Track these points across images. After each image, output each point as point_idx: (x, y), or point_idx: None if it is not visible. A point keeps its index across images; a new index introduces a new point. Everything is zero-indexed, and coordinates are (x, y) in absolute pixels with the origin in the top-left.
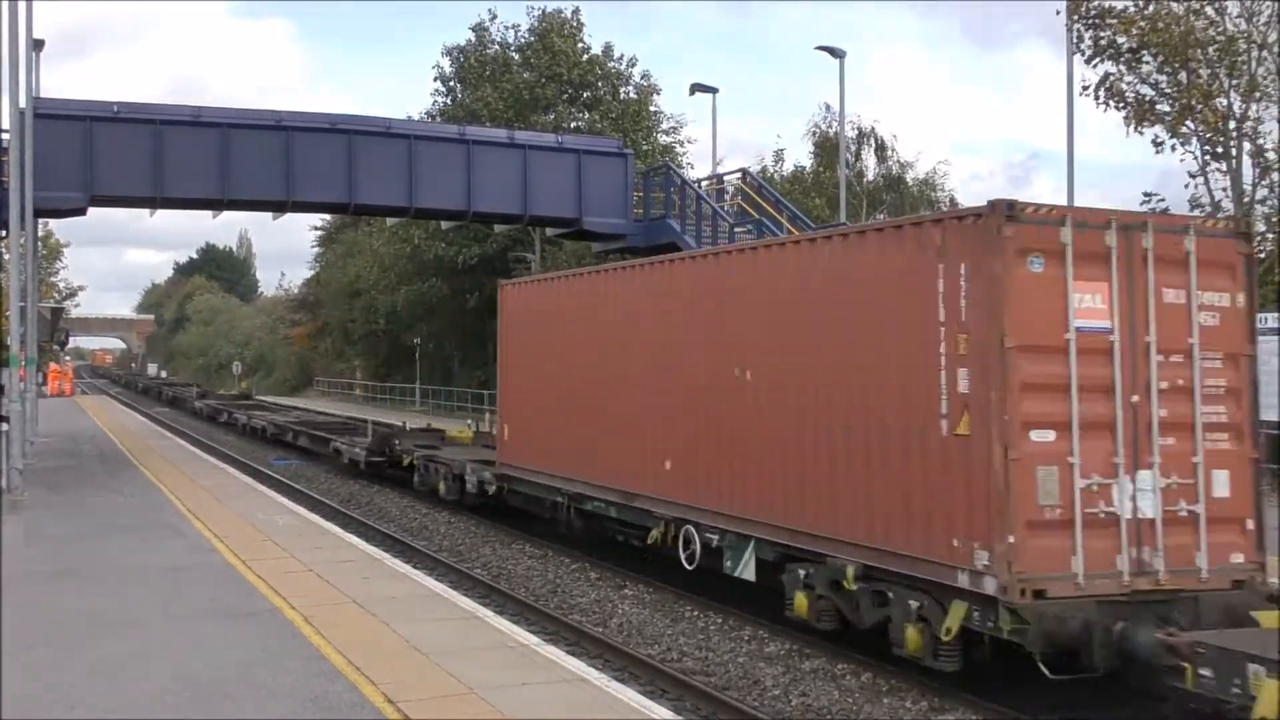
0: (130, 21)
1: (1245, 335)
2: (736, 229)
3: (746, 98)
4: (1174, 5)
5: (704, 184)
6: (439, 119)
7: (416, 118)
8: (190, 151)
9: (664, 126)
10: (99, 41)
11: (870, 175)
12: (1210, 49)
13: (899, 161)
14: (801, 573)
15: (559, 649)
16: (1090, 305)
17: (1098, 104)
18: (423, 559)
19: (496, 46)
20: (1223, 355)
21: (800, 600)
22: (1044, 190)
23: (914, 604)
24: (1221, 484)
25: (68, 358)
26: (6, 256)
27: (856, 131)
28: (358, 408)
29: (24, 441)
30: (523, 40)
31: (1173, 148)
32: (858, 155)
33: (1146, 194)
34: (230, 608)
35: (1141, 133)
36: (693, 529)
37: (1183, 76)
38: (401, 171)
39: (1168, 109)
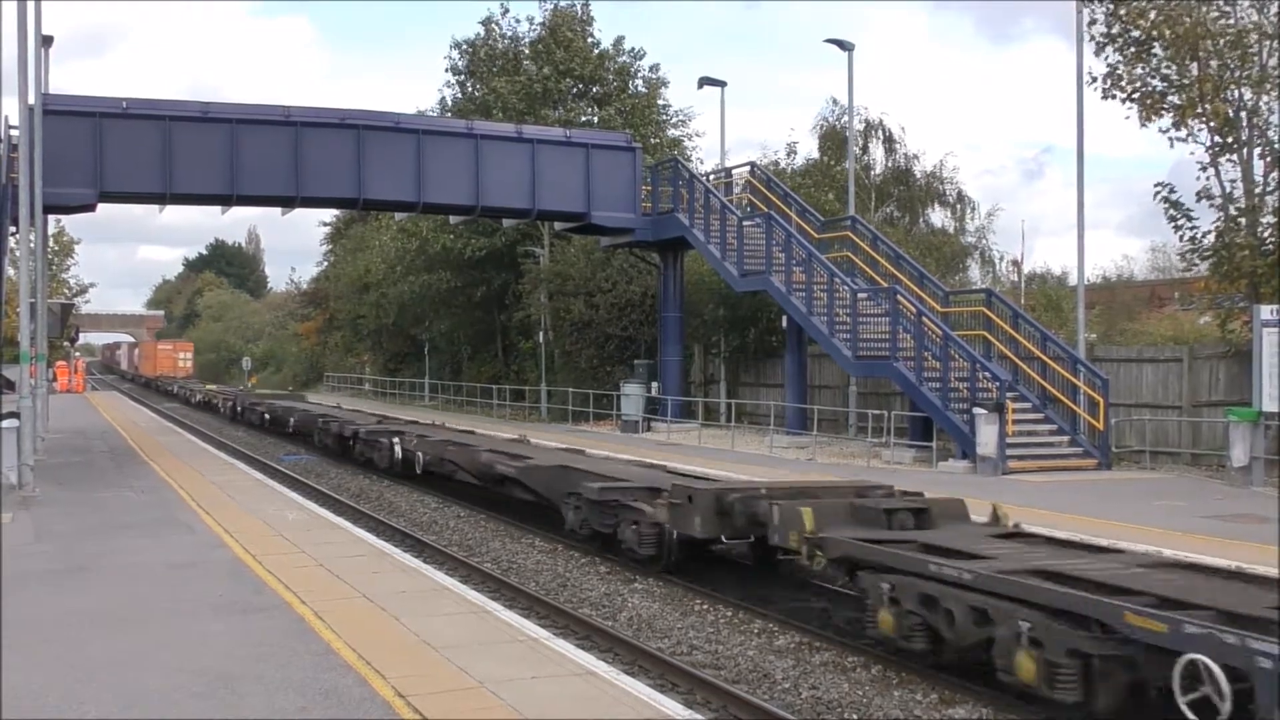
0: (149, 21)
1: None
2: (745, 223)
3: (756, 93)
4: None
5: (712, 178)
6: (450, 113)
7: (430, 113)
8: (199, 147)
9: (672, 120)
10: (118, 41)
11: (878, 169)
12: (1220, 40)
13: (906, 154)
14: None
15: (569, 643)
16: None
17: (1104, 97)
18: (432, 553)
19: (507, 40)
20: None
21: None
22: (1056, 183)
23: None
24: None
25: (77, 354)
26: (16, 251)
27: (864, 124)
28: (369, 403)
29: (35, 437)
30: (533, 34)
31: (1184, 139)
32: (864, 149)
33: (1159, 184)
34: (240, 603)
35: (1146, 125)
36: None
37: (1193, 68)
38: (410, 166)
39: (1178, 100)
